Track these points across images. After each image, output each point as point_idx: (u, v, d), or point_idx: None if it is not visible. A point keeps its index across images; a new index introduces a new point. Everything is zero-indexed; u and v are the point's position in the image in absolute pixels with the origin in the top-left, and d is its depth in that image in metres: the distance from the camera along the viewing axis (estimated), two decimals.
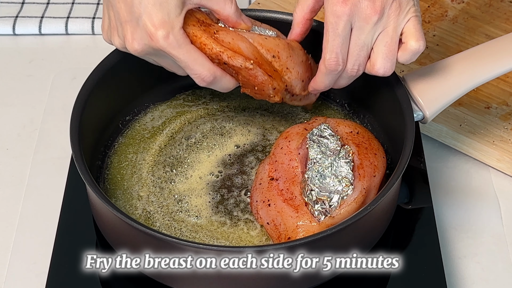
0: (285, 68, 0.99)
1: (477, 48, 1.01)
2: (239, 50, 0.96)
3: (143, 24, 0.90)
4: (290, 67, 0.99)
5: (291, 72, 0.99)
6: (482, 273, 1.01)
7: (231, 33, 0.96)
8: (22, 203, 1.07)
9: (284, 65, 0.99)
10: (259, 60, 0.96)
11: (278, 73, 0.98)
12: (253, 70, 0.96)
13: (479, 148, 1.12)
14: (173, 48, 0.91)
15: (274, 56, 0.98)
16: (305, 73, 1.01)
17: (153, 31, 0.90)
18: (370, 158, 0.97)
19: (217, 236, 0.96)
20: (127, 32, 0.91)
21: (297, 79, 1.00)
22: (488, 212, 1.07)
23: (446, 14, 1.29)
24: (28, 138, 1.16)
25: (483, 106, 1.16)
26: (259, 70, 0.97)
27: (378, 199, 0.89)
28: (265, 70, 0.97)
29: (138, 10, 0.89)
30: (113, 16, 0.92)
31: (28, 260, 1.01)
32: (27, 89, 1.23)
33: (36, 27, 1.30)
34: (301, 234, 0.92)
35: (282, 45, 0.98)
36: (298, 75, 1.00)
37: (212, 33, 0.95)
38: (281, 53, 0.98)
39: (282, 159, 0.98)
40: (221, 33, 0.95)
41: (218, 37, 0.95)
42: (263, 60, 0.97)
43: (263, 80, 0.97)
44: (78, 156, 0.92)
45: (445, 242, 1.03)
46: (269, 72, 0.97)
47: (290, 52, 0.99)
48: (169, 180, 1.02)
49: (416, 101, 0.98)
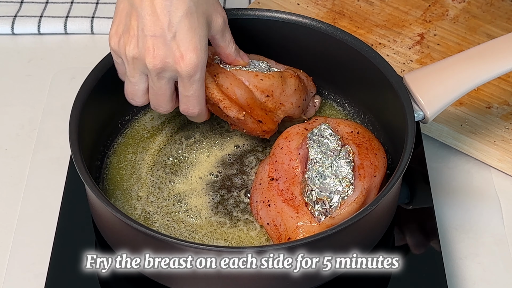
0: (278, 104, 1.02)
1: (478, 47, 1.01)
2: (235, 98, 0.98)
3: (175, 45, 0.90)
4: (284, 101, 1.02)
5: (285, 106, 1.03)
6: (483, 273, 1.01)
7: (230, 77, 0.99)
8: (20, 204, 1.07)
9: (278, 101, 1.02)
10: (251, 106, 1.00)
11: (271, 113, 1.02)
12: (244, 120, 0.99)
13: (480, 148, 1.12)
14: (192, 77, 0.92)
15: (268, 95, 1.01)
16: (300, 99, 1.04)
17: (184, 54, 0.90)
18: (371, 158, 0.97)
19: (216, 237, 0.96)
20: (151, 46, 0.91)
21: (292, 108, 1.04)
22: (489, 212, 1.07)
23: (447, 14, 1.29)
24: (27, 138, 1.16)
25: (484, 106, 1.16)
26: (249, 119, 1.00)
27: (378, 199, 0.89)
28: (256, 116, 1.00)
29: (173, 30, 0.90)
30: (136, 26, 0.91)
31: (27, 261, 1.01)
32: (26, 89, 1.23)
33: (35, 26, 1.30)
34: (301, 235, 0.92)
35: (276, 83, 1.01)
36: (293, 105, 1.03)
37: (213, 75, 0.98)
38: (275, 92, 1.01)
39: (282, 159, 0.98)
40: (221, 76, 0.98)
41: (218, 81, 0.98)
42: (256, 104, 1.00)
43: (252, 127, 1.01)
44: (77, 156, 0.92)
45: (446, 242, 1.03)
46: (261, 117, 1.01)
47: (283, 87, 1.02)
48: (169, 180, 1.02)
49: (416, 101, 0.98)
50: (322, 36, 1.05)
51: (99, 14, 1.31)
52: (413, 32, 1.26)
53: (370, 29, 1.27)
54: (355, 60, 1.04)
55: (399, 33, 1.26)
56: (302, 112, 1.07)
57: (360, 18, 1.28)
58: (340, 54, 1.05)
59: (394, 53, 1.23)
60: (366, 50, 1.02)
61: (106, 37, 1.29)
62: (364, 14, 1.29)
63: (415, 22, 1.27)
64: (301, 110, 1.05)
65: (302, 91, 1.04)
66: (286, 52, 1.09)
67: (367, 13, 1.29)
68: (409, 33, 1.26)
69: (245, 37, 1.04)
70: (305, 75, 1.08)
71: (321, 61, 1.08)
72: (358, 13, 1.29)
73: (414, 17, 1.28)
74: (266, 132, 1.02)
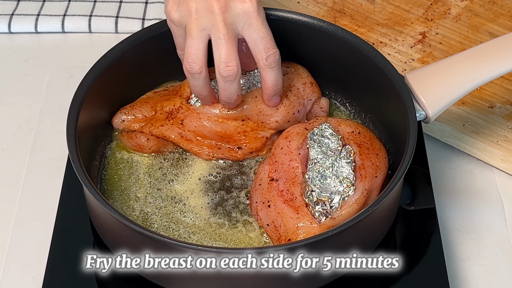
0: (260, 123, 1.02)
1: (481, 46, 1.01)
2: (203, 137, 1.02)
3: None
4: (265, 120, 1.02)
5: (269, 124, 1.03)
6: (486, 275, 1.01)
7: (194, 118, 1.02)
8: (17, 204, 1.07)
9: (258, 121, 1.02)
10: (226, 136, 1.02)
11: (253, 132, 1.02)
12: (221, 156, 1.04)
13: (483, 148, 1.12)
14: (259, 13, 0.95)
15: (243, 120, 1.02)
16: (288, 114, 1.03)
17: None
18: (372, 158, 0.97)
19: (215, 238, 0.96)
20: None
21: (280, 125, 1.03)
22: (492, 213, 1.07)
23: (449, 12, 1.29)
24: (24, 138, 1.16)
25: (486, 105, 1.16)
26: (226, 153, 1.03)
27: (380, 200, 0.89)
28: (235, 142, 1.02)
29: None
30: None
31: (24, 263, 1.01)
32: (23, 88, 1.23)
33: (32, 25, 1.30)
34: (301, 236, 0.92)
35: (249, 106, 1.01)
36: (279, 122, 1.03)
37: (178, 124, 1.03)
38: (250, 115, 1.01)
39: (282, 159, 0.98)
40: (186, 121, 1.02)
41: (184, 129, 1.03)
42: (231, 132, 1.02)
43: (233, 155, 1.03)
44: (74, 156, 0.92)
45: (448, 243, 1.03)
46: (239, 143, 1.02)
47: (259, 107, 1.02)
48: (167, 181, 1.02)
49: (418, 100, 0.98)
50: (322, 35, 1.05)
51: (97, 12, 1.31)
52: (415, 30, 1.26)
53: (371, 28, 1.26)
54: (356, 59, 1.04)
55: (400, 31, 1.26)
56: (305, 119, 1.06)
57: (361, 17, 1.28)
58: (340, 53, 1.05)
59: (396, 52, 1.23)
60: (367, 49, 1.02)
61: (103, 35, 1.30)
62: (365, 12, 1.29)
63: (417, 21, 1.27)
64: (299, 119, 1.05)
65: (289, 106, 1.03)
66: (286, 51, 1.09)
67: (368, 11, 1.29)
68: (411, 32, 1.26)
69: None
70: (305, 81, 1.06)
71: (322, 60, 1.08)
72: (359, 11, 1.29)
73: (415, 16, 1.28)
74: (253, 152, 1.03)
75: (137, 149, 1.04)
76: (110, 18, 1.30)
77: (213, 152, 1.03)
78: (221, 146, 1.03)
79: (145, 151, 1.04)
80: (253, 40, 0.95)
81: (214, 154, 1.03)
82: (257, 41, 0.95)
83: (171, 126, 1.02)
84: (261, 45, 0.95)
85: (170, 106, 1.03)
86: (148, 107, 1.04)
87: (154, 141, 1.03)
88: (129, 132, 1.04)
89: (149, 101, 1.05)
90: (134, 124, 1.04)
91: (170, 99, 1.04)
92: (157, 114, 1.04)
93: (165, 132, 1.02)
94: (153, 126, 1.03)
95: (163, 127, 1.02)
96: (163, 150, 1.04)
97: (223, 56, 0.94)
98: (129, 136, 1.04)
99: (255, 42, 0.95)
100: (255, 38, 0.95)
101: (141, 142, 1.03)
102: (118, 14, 1.30)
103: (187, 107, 1.02)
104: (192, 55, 0.95)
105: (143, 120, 1.04)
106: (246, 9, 0.94)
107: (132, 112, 1.04)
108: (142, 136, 1.03)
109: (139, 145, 1.04)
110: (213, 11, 0.93)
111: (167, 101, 1.04)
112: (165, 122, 1.03)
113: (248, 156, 1.03)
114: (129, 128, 1.04)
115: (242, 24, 0.94)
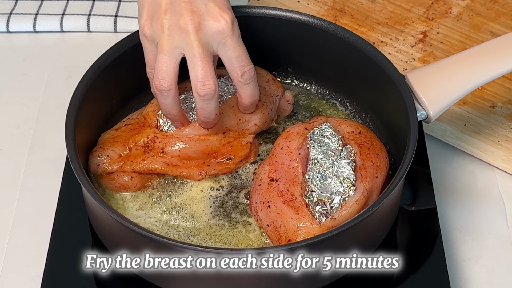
0: (240, 131, 1.02)
1: (482, 45, 1.01)
2: (189, 157, 1.00)
3: (212, 5, 0.93)
4: (245, 126, 1.02)
5: (249, 129, 1.02)
6: (487, 276, 1.01)
7: (175, 143, 1.00)
8: (16, 205, 1.07)
9: (239, 129, 1.02)
10: (212, 151, 1.01)
11: (237, 141, 1.01)
12: (210, 173, 1.01)
13: (484, 148, 1.12)
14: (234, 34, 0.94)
15: (224, 132, 1.01)
16: (264, 114, 1.03)
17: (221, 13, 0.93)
18: (372, 158, 0.97)
19: (215, 239, 0.96)
20: (187, 8, 0.93)
21: (259, 127, 1.03)
22: (493, 213, 1.07)
23: (450, 11, 1.29)
24: (22, 138, 1.16)
25: (488, 105, 1.16)
26: (217, 167, 1.01)
27: (380, 200, 0.89)
28: (223, 155, 1.01)
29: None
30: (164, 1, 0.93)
31: (22, 263, 1.01)
32: (21, 88, 1.23)
33: (31, 24, 1.30)
34: (301, 236, 0.92)
35: (228, 116, 1.01)
36: (258, 125, 1.03)
37: (159, 153, 1.00)
38: (230, 126, 1.01)
39: (282, 159, 0.98)
40: (167, 148, 0.99)
41: (167, 156, 1.00)
42: (216, 147, 1.01)
43: (225, 168, 1.02)
44: (73, 157, 0.92)
45: (449, 244, 1.03)
46: (227, 153, 1.01)
47: (238, 115, 1.01)
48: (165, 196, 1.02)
49: (419, 100, 0.98)
50: (323, 34, 1.05)
51: (95, 11, 1.31)
52: (416, 30, 1.26)
53: (372, 27, 1.26)
54: (356, 58, 1.04)
55: (401, 31, 1.26)
56: (276, 117, 1.07)
57: (361, 16, 1.28)
58: (341, 53, 1.05)
59: (397, 51, 1.23)
60: (367, 48, 1.02)
61: (102, 35, 1.30)
62: (366, 11, 1.29)
63: (418, 20, 1.27)
64: (272, 117, 1.05)
65: (263, 107, 1.03)
66: (286, 50, 1.09)
67: (369, 10, 1.29)
68: (412, 31, 1.26)
69: (244, 36, 1.04)
70: (267, 79, 1.06)
71: (322, 60, 1.08)
72: (359, 10, 1.29)
73: (416, 15, 1.28)
74: (243, 160, 1.02)
75: (121, 189, 1.00)
76: (109, 17, 1.30)
77: (203, 170, 1.00)
78: (210, 162, 1.01)
79: (130, 189, 1.00)
80: (228, 59, 0.95)
81: (205, 172, 1.00)
82: (232, 60, 0.95)
83: (153, 158, 0.99)
84: (236, 63, 0.95)
85: (143, 139, 1.00)
86: (119, 146, 1.00)
87: (138, 178, 1.00)
88: (108, 173, 1.00)
89: (117, 139, 1.01)
90: (110, 165, 0.99)
91: (140, 132, 1.01)
92: (133, 151, 1.00)
93: (149, 165, 0.99)
94: (134, 163, 0.99)
95: (145, 161, 0.99)
96: (149, 184, 1.01)
97: (200, 75, 0.92)
98: (110, 178, 1.00)
99: (230, 60, 0.95)
100: (230, 57, 0.94)
101: (124, 182, 0.99)
102: (117, 13, 1.30)
103: (162, 135, 1.00)
104: (162, 71, 0.93)
105: (118, 160, 1.00)
106: (221, 28, 0.93)
107: (105, 154, 1.00)
108: (125, 175, 0.99)
109: (123, 185, 0.99)
110: (187, 30, 0.92)
111: (137, 135, 1.01)
112: (145, 156, 0.99)
113: (240, 165, 1.02)
114: (106, 170, 1.00)
115: (216, 44, 0.94)
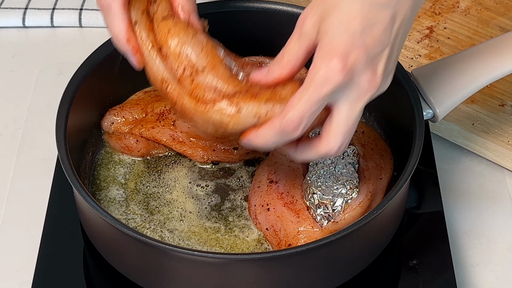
0: None
1: (491, 41, 1.01)
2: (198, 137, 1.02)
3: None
4: None
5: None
6: (497, 282, 1.01)
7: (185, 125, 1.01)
8: (4, 208, 1.07)
9: None
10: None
11: None
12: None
13: (493, 148, 1.12)
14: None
15: None
16: None
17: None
18: (376, 159, 0.97)
19: (211, 243, 0.96)
20: None
21: None
22: (503, 217, 1.07)
23: (458, 5, 1.29)
24: (11, 137, 1.16)
25: (497, 103, 1.16)
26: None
27: (385, 203, 0.89)
28: None
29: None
30: None
31: (11, 269, 1.01)
32: (10, 86, 1.23)
33: (20, 19, 1.30)
34: (302, 241, 0.92)
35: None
36: None
37: (170, 126, 1.02)
38: None
39: (282, 160, 0.98)
40: (178, 122, 1.01)
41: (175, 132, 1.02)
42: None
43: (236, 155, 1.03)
44: (64, 157, 0.92)
45: (457, 248, 1.03)
46: None
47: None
48: (157, 189, 1.02)
49: (426, 98, 0.98)
50: None
51: (87, 6, 1.31)
52: (422, 25, 1.26)
53: None
54: None
55: None
56: None
57: None
58: None
59: None
60: None
61: (95, 30, 1.30)
62: None
63: (424, 15, 1.28)
64: None
65: None
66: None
67: None
68: (417, 26, 1.26)
69: (243, 30, 1.05)
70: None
71: None
72: None
73: (422, 9, 1.28)
74: (250, 153, 1.03)
75: (125, 151, 1.04)
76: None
77: (207, 154, 1.02)
78: (216, 147, 1.02)
79: (134, 153, 1.03)
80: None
81: (208, 156, 1.02)
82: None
83: (162, 128, 1.02)
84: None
85: (161, 107, 1.03)
86: (138, 109, 1.05)
87: (143, 143, 1.03)
88: (118, 134, 1.04)
89: (139, 102, 1.05)
90: (124, 126, 1.04)
91: (161, 100, 1.04)
92: (148, 116, 1.04)
93: (156, 134, 1.02)
94: (144, 128, 1.02)
95: (154, 129, 1.02)
96: (152, 153, 1.04)
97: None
98: (117, 137, 1.04)
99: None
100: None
101: (130, 144, 1.03)
102: None
103: None
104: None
105: (133, 122, 1.04)
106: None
107: (121, 114, 1.04)
108: (132, 138, 1.03)
109: (127, 146, 1.03)
110: None
111: (158, 102, 1.04)
112: (156, 124, 1.03)
113: (245, 157, 1.03)
114: (118, 130, 1.04)
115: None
